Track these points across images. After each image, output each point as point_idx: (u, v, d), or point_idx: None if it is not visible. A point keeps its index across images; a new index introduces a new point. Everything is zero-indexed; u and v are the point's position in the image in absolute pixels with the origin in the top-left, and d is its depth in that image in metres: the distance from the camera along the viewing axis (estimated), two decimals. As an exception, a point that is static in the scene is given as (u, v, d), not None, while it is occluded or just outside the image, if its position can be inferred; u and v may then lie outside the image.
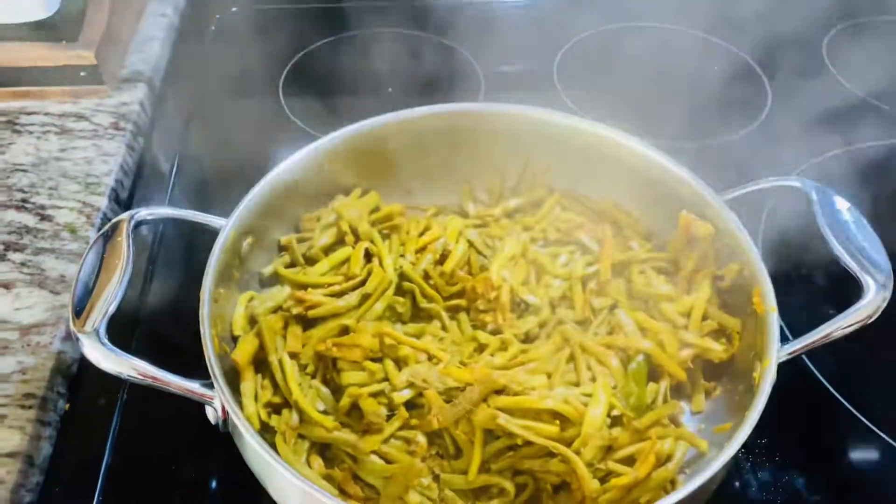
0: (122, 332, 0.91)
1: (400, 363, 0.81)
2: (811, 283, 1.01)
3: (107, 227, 0.77)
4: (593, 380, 0.80)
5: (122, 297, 0.73)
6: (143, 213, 0.79)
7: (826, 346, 0.84)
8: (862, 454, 0.85)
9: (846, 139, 1.21)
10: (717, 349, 0.82)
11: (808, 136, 1.20)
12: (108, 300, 0.71)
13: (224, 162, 1.21)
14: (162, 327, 0.95)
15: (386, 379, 0.80)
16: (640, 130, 1.08)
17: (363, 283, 0.88)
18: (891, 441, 0.85)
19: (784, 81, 1.33)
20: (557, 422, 0.75)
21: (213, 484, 0.83)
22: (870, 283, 0.75)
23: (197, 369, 0.72)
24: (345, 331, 0.84)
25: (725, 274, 0.85)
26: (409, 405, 0.79)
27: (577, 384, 0.80)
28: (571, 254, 0.95)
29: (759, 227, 1.06)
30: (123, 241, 0.76)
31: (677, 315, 0.87)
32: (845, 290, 0.79)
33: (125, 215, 0.78)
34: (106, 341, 0.69)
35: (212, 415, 0.72)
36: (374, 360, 0.81)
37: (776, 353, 0.73)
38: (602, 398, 0.76)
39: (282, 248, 0.94)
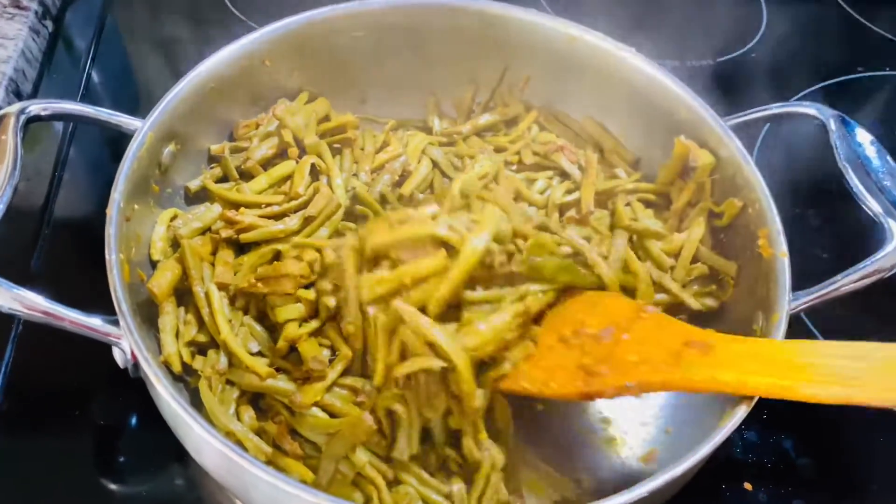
0: (18, 253, 0.79)
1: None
2: (814, 226, 0.92)
3: (-13, 122, 0.62)
4: None
5: (5, 209, 0.58)
6: (35, 107, 0.65)
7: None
8: (856, 417, 0.78)
9: (845, 65, 1.11)
10: (695, 305, 0.74)
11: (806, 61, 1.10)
12: (-14, 214, 0.57)
13: (149, 54, 1.06)
14: (68, 249, 0.82)
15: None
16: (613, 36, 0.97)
17: (307, 204, 0.75)
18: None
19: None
20: (443, 250, 0.64)
21: (133, 421, 0.73)
22: (893, 229, 0.65)
23: (109, 301, 0.59)
24: (277, 256, 0.72)
25: (724, 210, 0.75)
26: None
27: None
28: (549, 179, 0.84)
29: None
30: (9, 141, 0.61)
31: (664, 255, 0.77)
32: (856, 234, 0.70)
33: (13, 108, 0.64)
34: (-17, 266, 0.56)
35: (119, 357, 0.60)
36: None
37: (787, 305, 0.63)
38: (489, 223, 0.65)
39: (212, 159, 0.80)
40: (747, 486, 0.71)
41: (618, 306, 0.66)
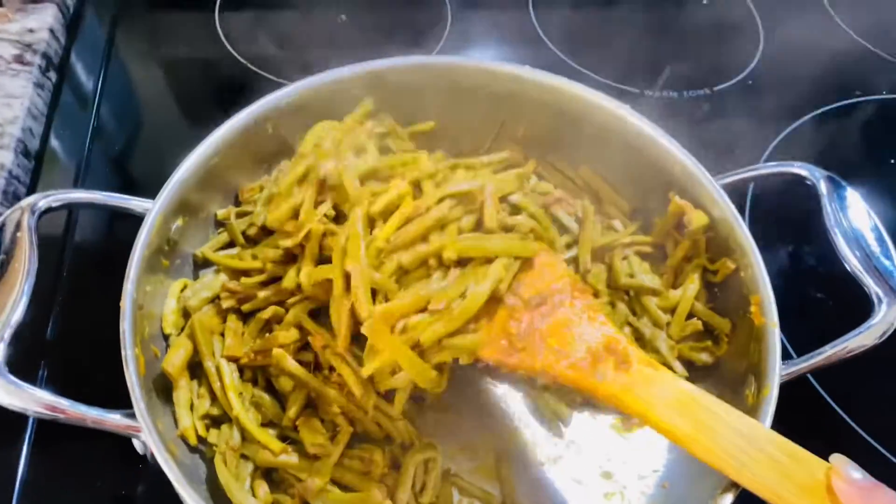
0: (26, 349, 0.77)
1: None
2: (811, 279, 0.93)
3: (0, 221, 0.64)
4: None
5: (25, 311, 0.61)
6: (45, 201, 0.66)
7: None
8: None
9: (845, 93, 1.11)
10: (680, 371, 0.76)
11: (803, 87, 1.11)
12: (7, 321, 0.59)
13: (155, 98, 1.07)
14: (78, 340, 0.81)
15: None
16: (611, 68, 0.97)
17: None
18: (880, 448, 0.80)
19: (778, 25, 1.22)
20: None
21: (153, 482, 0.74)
22: (882, 297, 0.67)
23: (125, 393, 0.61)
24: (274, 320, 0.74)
25: (718, 268, 0.77)
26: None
27: None
28: (548, 233, 0.86)
29: (743, 214, 0.96)
30: (25, 239, 0.63)
31: (660, 311, 0.79)
32: (850, 293, 0.71)
33: (24, 204, 0.65)
34: (5, 371, 0.58)
35: (139, 446, 0.62)
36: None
37: (777, 378, 0.65)
38: None
39: (219, 224, 0.82)
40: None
41: (554, 273, 0.67)
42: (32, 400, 0.58)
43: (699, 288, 0.79)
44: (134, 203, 0.71)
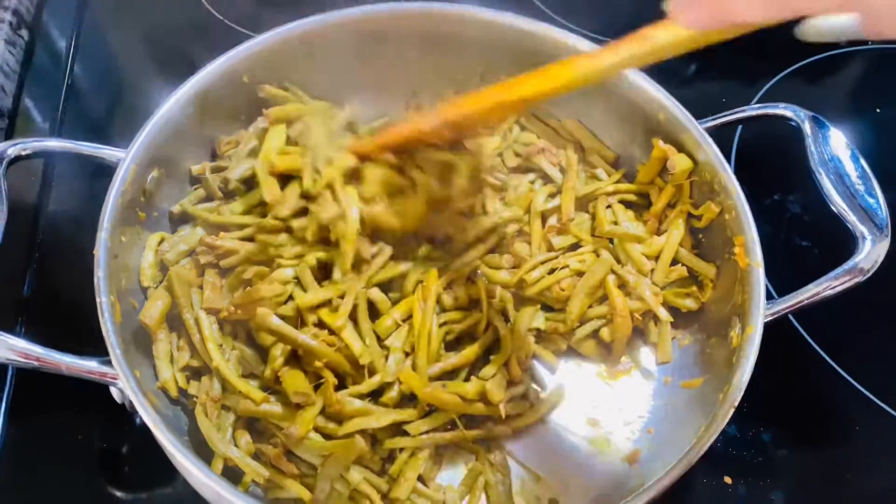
0: (3, 306, 0.78)
1: None
2: (796, 226, 0.92)
3: (-32, 168, 0.63)
4: None
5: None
6: (15, 149, 0.65)
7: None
8: (833, 408, 0.80)
9: (832, 42, 1.10)
10: (664, 317, 0.75)
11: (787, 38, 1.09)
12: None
13: (131, 54, 1.04)
14: (56, 295, 0.80)
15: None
16: (595, 21, 0.98)
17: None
18: (862, 390, 0.80)
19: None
20: None
21: (136, 436, 0.73)
22: (865, 235, 0.67)
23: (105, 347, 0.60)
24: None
25: (702, 213, 0.76)
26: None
27: None
28: (531, 183, 0.85)
29: (729, 158, 0.96)
30: (-7, 186, 0.62)
31: (644, 258, 0.78)
32: (836, 240, 0.71)
33: (-7, 152, 0.64)
34: (-28, 318, 0.57)
35: (117, 395, 0.62)
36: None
37: (761, 317, 0.65)
38: None
39: (195, 180, 0.81)
40: (727, 479, 0.74)
41: None
42: (6, 347, 0.57)
43: (683, 234, 0.78)
44: (106, 152, 0.70)
